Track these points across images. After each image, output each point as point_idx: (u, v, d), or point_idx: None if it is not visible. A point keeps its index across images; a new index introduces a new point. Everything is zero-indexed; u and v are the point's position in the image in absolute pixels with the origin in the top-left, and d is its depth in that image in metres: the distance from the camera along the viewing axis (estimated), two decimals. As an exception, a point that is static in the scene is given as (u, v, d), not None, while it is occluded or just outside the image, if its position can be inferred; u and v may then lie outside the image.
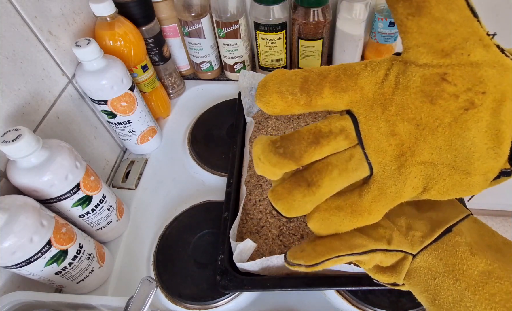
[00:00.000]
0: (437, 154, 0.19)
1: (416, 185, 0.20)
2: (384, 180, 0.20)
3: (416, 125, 0.19)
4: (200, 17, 0.61)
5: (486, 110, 0.18)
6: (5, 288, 0.37)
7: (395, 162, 0.20)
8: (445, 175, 0.19)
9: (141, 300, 0.30)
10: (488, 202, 1.30)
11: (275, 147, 0.20)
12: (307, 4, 0.57)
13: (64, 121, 0.47)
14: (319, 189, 0.20)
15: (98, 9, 0.47)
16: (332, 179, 0.20)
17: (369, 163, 0.20)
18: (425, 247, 0.23)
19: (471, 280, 0.20)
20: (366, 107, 0.19)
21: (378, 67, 0.19)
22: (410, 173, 0.20)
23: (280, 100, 0.19)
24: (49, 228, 0.34)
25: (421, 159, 0.19)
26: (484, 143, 0.18)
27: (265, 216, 0.45)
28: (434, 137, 0.19)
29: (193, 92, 0.71)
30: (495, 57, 0.17)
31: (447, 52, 0.17)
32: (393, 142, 0.19)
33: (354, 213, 0.21)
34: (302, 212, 0.21)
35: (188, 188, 0.55)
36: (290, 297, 0.43)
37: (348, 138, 0.20)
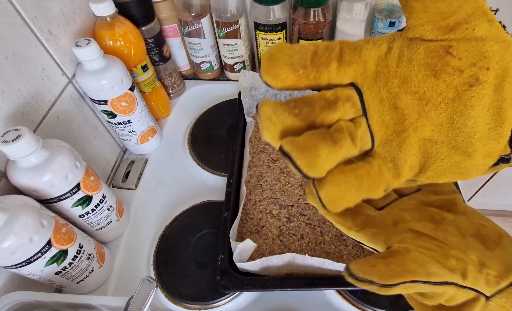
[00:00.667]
0: (438, 131, 0.18)
1: (413, 164, 0.19)
2: (384, 154, 0.19)
3: (419, 100, 0.18)
4: (200, 17, 0.61)
5: (489, 86, 0.17)
6: (5, 288, 0.37)
7: (396, 138, 0.19)
8: (444, 155, 0.19)
9: (141, 300, 0.30)
10: (488, 202, 1.30)
11: (289, 107, 0.18)
12: (307, 4, 0.57)
13: (64, 121, 0.47)
14: (341, 149, 0.18)
15: (98, 9, 0.47)
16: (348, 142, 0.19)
17: (372, 135, 0.19)
18: (501, 290, 0.19)
19: None
20: (369, 79, 0.19)
21: (381, 41, 0.19)
22: (410, 150, 0.19)
23: (292, 73, 0.18)
24: (49, 228, 0.34)
25: (423, 136, 0.19)
26: (486, 123, 0.18)
27: (265, 216, 0.45)
28: (436, 113, 0.18)
29: (193, 92, 0.71)
30: (499, 32, 0.17)
31: (451, 27, 0.17)
32: (395, 115, 0.19)
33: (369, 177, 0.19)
34: (321, 172, 0.18)
35: (188, 188, 0.55)
36: (290, 297, 0.43)
37: (354, 106, 0.19)
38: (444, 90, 0.18)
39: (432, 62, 0.18)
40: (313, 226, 0.44)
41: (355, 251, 0.41)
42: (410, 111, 0.18)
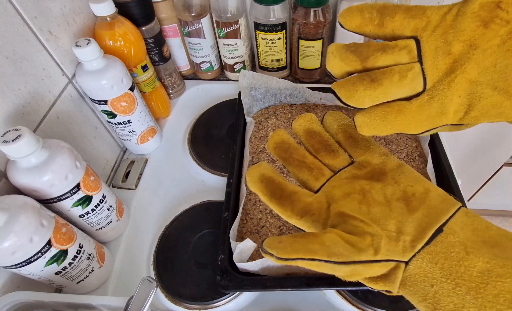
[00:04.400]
0: (484, 74, 0.21)
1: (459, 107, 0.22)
2: (433, 94, 0.22)
3: (469, 46, 0.21)
4: (200, 17, 0.61)
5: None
6: (5, 288, 0.37)
7: (446, 78, 0.22)
8: (488, 94, 0.21)
9: (141, 300, 0.30)
10: (488, 202, 1.30)
11: (348, 46, 0.23)
12: (307, 4, 0.57)
13: (64, 121, 0.47)
14: (379, 86, 0.22)
15: (98, 9, 0.47)
16: (392, 82, 0.22)
17: (424, 78, 0.22)
18: (417, 252, 0.21)
19: (471, 282, 0.19)
20: (429, 31, 0.22)
21: (444, 6, 0.22)
22: (457, 90, 0.22)
23: (359, 15, 0.23)
24: (49, 228, 0.34)
25: (470, 77, 0.22)
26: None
27: (265, 216, 0.45)
28: (483, 57, 0.21)
29: (193, 92, 0.71)
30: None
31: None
32: (447, 60, 0.22)
33: (399, 112, 0.23)
34: (360, 103, 0.23)
35: (188, 188, 0.55)
36: (290, 297, 0.43)
37: (410, 53, 0.22)
38: (491, 38, 0.21)
39: (483, 14, 0.21)
40: (313, 226, 0.44)
41: (355, 251, 0.41)
42: (461, 56, 0.22)
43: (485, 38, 0.21)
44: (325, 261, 0.21)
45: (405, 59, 0.22)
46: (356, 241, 0.22)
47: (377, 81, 0.22)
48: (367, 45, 0.23)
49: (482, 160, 1.10)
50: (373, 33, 0.23)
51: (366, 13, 0.22)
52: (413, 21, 0.22)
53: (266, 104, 0.60)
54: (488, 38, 0.21)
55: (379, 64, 0.22)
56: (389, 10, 0.22)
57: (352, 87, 0.23)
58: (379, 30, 0.23)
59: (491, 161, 1.11)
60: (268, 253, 0.21)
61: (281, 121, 0.57)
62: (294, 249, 0.21)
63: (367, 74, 0.23)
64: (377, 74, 0.22)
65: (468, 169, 1.14)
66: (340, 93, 0.23)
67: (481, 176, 1.18)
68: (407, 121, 0.23)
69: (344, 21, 0.23)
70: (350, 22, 0.23)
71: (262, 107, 0.60)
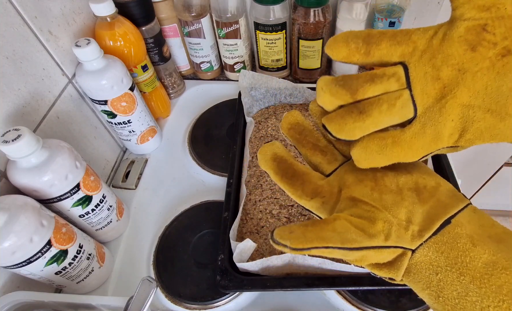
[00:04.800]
0: (475, 97, 0.21)
1: (453, 130, 0.22)
2: (425, 120, 0.22)
3: (458, 70, 0.21)
4: (200, 17, 0.61)
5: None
6: (5, 288, 0.37)
7: (437, 104, 0.22)
8: (480, 118, 0.21)
9: (141, 300, 0.30)
10: (488, 202, 1.30)
11: (336, 81, 0.23)
12: (307, 4, 0.57)
13: (64, 121, 0.47)
14: (368, 117, 0.22)
15: (98, 9, 0.47)
16: (381, 112, 0.22)
17: (414, 104, 0.22)
18: (424, 241, 0.22)
19: (475, 272, 0.20)
20: (416, 57, 0.22)
21: (430, 28, 0.22)
22: (449, 114, 0.22)
23: (344, 46, 0.23)
24: (49, 228, 0.34)
25: (461, 101, 0.21)
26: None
27: (265, 216, 0.45)
28: (473, 80, 0.21)
29: (193, 92, 0.71)
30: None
31: (487, 7, 0.20)
32: (437, 85, 0.22)
33: (395, 143, 0.23)
34: (351, 136, 0.23)
35: (188, 188, 0.55)
36: (290, 297, 0.43)
37: (399, 81, 0.22)
38: (480, 61, 0.20)
39: (470, 38, 0.20)
40: (313, 226, 0.44)
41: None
42: (450, 81, 0.21)
43: (474, 61, 0.21)
44: (339, 248, 0.21)
45: (394, 87, 0.22)
46: (366, 226, 0.22)
47: (365, 113, 0.22)
48: (356, 77, 0.23)
49: (482, 160, 1.10)
50: (361, 62, 0.23)
51: (352, 44, 0.22)
52: (399, 47, 0.22)
53: (266, 104, 0.60)
54: (477, 61, 0.21)
55: (368, 95, 0.22)
56: (375, 38, 0.22)
57: (342, 121, 0.23)
58: (366, 59, 0.23)
59: (491, 161, 1.11)
60: (281, 244, 0.21)
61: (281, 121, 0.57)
62: (308, 239, 0.21)
63: (355, 106, 0.23)
64: (365, 106, 0.22)
65: (468, 169, 1.14)
66: (330, 127, 0.23)
67: (481, 176, 1.18)
68: (403, 151, 0.23)
69: (331, 53, 0.23)
70: (337, 53, 0.23)
71: (262, 107, 0.60)
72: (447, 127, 0.22)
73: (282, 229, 0.22)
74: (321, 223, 0.23)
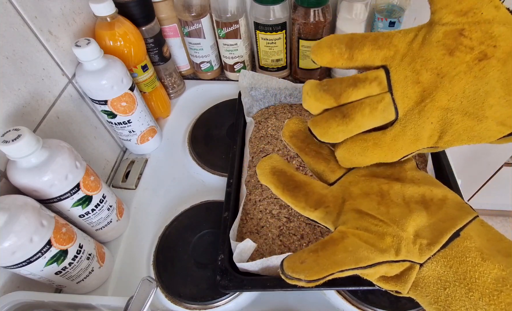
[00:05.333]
0: (453, 100, 0.22)
1: (432, 132, 0.23)
2: (405, 123, 0.23)
3: (437, 74, 0.22)
4: (200, 17, 0.61)
5: (497, 61, 0.20)
6: (5, 288, 0.37)
7: (417, 107, 0.22)
8: (458, 120, 0.22)
9: (141, 300, 0.30)
10: (488, 202, 1.30)
11: (321, 85, 0.24)
12: (307, 4, 0.57)
13: (64, 121, 0.47)
14: (351, 121, 0.23)
15: (98, 9, 0.47)
16: (364, 115, 0.23)
17: (396, 107, 0.23)
18: (433, 255, 0.21)
19: (484, 288, 0.19)
20: (397, 60, 0.23)
21: (410, 30, 0.23)
22: (428, 117, 0.22)
23: (328, 52, 0.23)
24: (49, 228, 0.34)
25: (439, 105, 0.22)
26: (496, 92, 0.20)
27: (265, 216, 0.45)
28: (451, 84, 0.21)
29: (193, 92, 0.71)
30: (505, 16, 0.20)
31: (464, 12, 0.21)
32: (416, 89, 0.22)
33: (376, 145, 0.24)
34: (334, 139, 0.24)
35: (188, 188, 0.55)
36: (290, 297, 0.43)
37: (380, 85, 0.23)
38: (457, 65, 0.21)
39: (448, 42, 0.21)
40: (313, 226, 0.44)
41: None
42: (429, 84, 0.22)
43: (452, 65, 0.21)
44: (353, 268, 0.21)
45: (376, 90, 0.23)
46: (376, 241, 0.22)
47: (348, 116, 0.23)
48: (340, 82, 0.23)
49: (482, 160, 1.10)
50: (345, 66, 0.24)
51: (335, 49, 0.23)
52: (381, 51, 0.23)
53: (266, 104, 0.60)
54: (455, 65, 0.21)
55: (352, 99, 0.23)
56: (357, 42, 0.23)
57: (326, 125, 0.24)
58: (350, 63, 0.23)
59: (491, 161, 1.11)
60: (295, 278, 0.20)
61: (281, 121, 0.57)
62: (322, 267, 0.20)
63: (339, 110, 0.23)
64: (348, 109, 0.23)
65: (468, 169, 1.14)
66: (315, 131, 0.24)
67: (481, 176, 1.18)
68: (383, 152, 0.24)
69: (315, 58, 0.24)
70: (321, 59, 0.24)
71: (262, 107, 0.61)
72: (427, 129, 0.23)
73: (292, 261, 0.21)
74: (331, 244, 0.22)
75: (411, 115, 0.23)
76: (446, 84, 0.21)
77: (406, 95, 0.22)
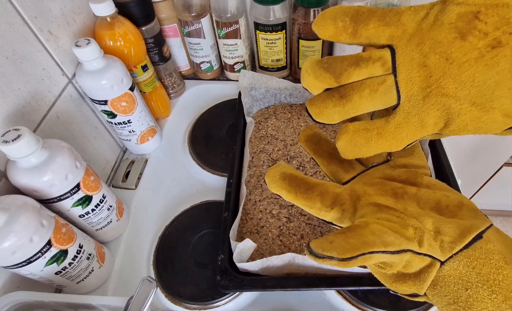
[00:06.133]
0: (461, 88, 0.20)
1: (438, 119, 0.21)
2: (409, 109, 0.22)
3: (446, 59, 0.20)
4: (200, 17, 0.61)
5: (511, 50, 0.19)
6: (5, 288, 0.37)
7: (421, 93, 0.21)
8: (466, 110, 0.21)
9: (141, 300, 0.30)
10: (488, 202, 1.30)
11: (321, 63, 0.22)
12: (307, 4, 0.57)
13: (64, 121, 0.47)
14: (348, 102, 0.22)
15: (98, 9, 0.47)
16: (362, 97, 0.21)
17: (398, 91, 0.21)
18: (455, 254, 0.21)
19: (508, 292, 0.19)
20: (404, 40, 0.21)
21: (421, 8, 0.21)
22: (433, 104, 0.21)
23: (332, 24, 0.22)
24: (49, 228, 0.34)
25: (446, 92, 0.21)
26: (506, 83, 0.19)
27: (265, 216, 0.45)
28: (460, 71, 0.20)
29: (193, 92, 0.71)
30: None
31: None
32: (422, 73, 0.21)
33: (379, 135, 0.22)
34: (330, 120, 0.23)
35: (188, 188, 0.55)
36: (290, 297, 0.43)
37: (384, 65, 0.21)
38: (468, 51, 0.19)
39: (461, 25, 0.19)
40: (313, 226, 0.44)
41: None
42: (436, 69, 0.20)
43: (462, 51, 0.20)
44: (383, 252, 0.20)
45: (379, 71, 0.21)
46: (400, 229, 0.21)
47: (346, 97, 0.22)
48: (341, 60, 0.22)
49: (482, 160, 1.10)
50: (348, 42, 0.22)
51: (339, 22, 0.21)
52: (388, 29, 0.21)
53: (266, 104, 0.60)
54: (465, 51, 0.20)
55: (353, 79, 0.22)
56: (363, 17, 0.21)
57: (322, 104, 0.23)
58: (353, 39, 0.22)
59: (491, 161, 1.10)
60: (326, 256, 0.19)
61: (281, 121, 0.57)
62: (353, 246, 0.19)
63: (337, 90, 0.22)
64: (347, 90, 0.22)
65: (468, 169, 1.14)
66: (311, 110, 0.23)
67: (481, 176, 1.18)
68: (388, 142, 0.23)
69: (317, 30, 0.22)
70: (324, 31, 0.22)
71: (262, 107, 0.61)
72: (432, 116, 0.21)
73: (320, 242, 0.20)
74: (357, 228, 0.21)
75: (415, 101, 0.21)
76: (455, 71, 0.20)
77: (410, 78, 0.21)
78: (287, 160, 0.51)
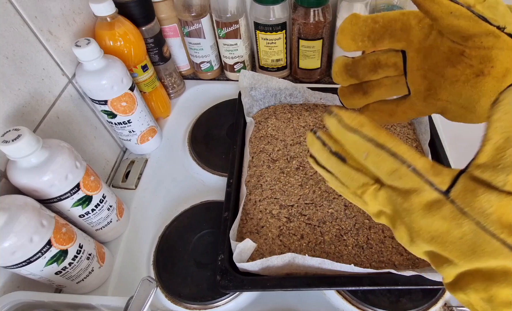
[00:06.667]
0: (452, 97, 0.27)
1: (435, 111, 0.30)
2: (415, 101, 0.30)
3: (441, 77, 0.27)
4: (200, 17, 0.61)
5: (492, 78, 0.24)
6: (5, 288, 0.37)
7: (423, 93, 0.29)
8: (455, 109, 0.28)
9: (141, 300, 0.30)
10: (488, 202, 1.30)
11: (346, 69, 0.32)
12: (307, 4, 0.57)
13: (64, 121, 0.47)
14: (370, 96, 0.33)
15: (98, 9, 0.47)
16: (380, 93, 0.32)
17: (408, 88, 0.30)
18: None
19: None
20: (413, 51, 0.28)
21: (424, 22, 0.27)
22: (431, 102, 0.29)
23: (353, 45, 0.29)
24: (49, 228, 0.34)
25: (440, 97, 0.28)
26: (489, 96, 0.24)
27: (265, 216, 0.45)
28: (451, 87, 0.26)
29: (193, 92, 0.71)
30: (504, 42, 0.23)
31: (466, 38, 0.24)
32: (422, 82, 0.29)
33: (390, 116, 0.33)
34: (356, 106, 0.35)
35: (188, 188, 0.55)
36: (290, 297, 0.43)
37: (397, 69, 0.30)
38: (458, 75, 0.25)
39: (451, 57, 0.26)
40: (313, 226, 0.44)
41: (355, 251, 0.41)
42: (434, 81, 0.28)
43: (453, 74, 0.26)
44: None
45: (393, 73, 0.30)
46: None
47: (368, 93, 0.32)
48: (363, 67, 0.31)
49: (482, 160, 1.10)
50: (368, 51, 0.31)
51: (359, 42, 0.29)
52: (400, 44, 0.28)
53: (266, 104, 0.60)
54: (455, 75, 0.25)
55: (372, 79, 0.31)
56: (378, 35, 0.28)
57: (351, 97, 0.34)
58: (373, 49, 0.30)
59: (491, 161, 1.10)
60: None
61: (281, 121, 0.57)
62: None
63: (361, 86, 0.33)
64: (369, 88, 0.32)
65: (468, 169, 1.14)
66: (343, 101, 0.35)
67: (481, 176, 1.18)
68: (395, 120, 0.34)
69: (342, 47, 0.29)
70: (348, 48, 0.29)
71: (262, 107, 0.60)
72: (430, 109, 0.29)
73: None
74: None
75: (418, 98, 0.29)
76: (448, 86, 0.26)
77: (416, 82, 0.29)
78: (287, 160, 0.51)
